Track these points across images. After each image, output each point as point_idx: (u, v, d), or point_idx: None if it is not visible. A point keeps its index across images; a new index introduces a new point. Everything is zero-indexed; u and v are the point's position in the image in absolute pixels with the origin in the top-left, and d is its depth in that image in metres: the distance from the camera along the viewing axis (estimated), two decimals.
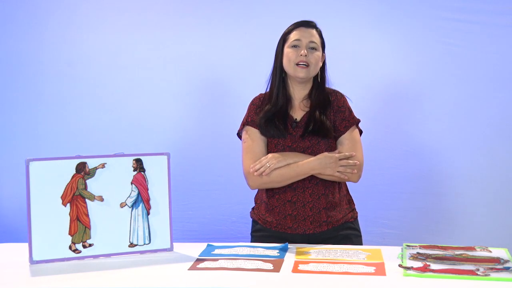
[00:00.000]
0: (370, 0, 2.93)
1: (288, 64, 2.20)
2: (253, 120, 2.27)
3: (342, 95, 2.28)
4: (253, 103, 2.31)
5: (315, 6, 2.93)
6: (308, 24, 2.23)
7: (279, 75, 2.25)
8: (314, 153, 2.19)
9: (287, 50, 2.21)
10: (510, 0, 2.86)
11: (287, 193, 2.20)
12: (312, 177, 2.19)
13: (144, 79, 3.07)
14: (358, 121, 2.28)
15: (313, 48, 2.19)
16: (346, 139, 2.23)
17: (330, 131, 2.20)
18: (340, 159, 2.15)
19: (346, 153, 2.17)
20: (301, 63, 2.17)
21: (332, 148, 2.23)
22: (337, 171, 2.15)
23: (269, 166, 2.14)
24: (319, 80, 2.26)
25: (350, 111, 2.27)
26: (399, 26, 2.93)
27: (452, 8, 2.89)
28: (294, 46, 2.19)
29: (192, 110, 3.07)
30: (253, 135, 2.26)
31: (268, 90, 2.30)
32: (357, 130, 2.27)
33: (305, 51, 2.16)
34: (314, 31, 2.22)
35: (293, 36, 2.20)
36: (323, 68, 2.27)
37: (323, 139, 2.19)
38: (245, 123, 2.29)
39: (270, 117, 2.22)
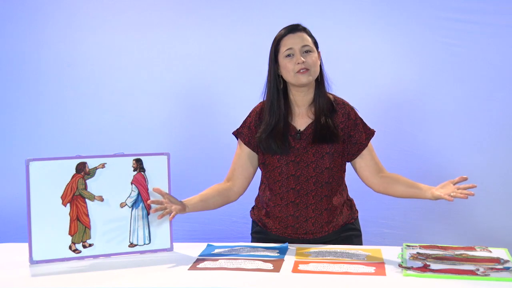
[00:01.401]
0: (370, 0, 2.93)
1: (288, 75, 2.13)
2: (243, 132, 2.24)
3: (351, 107, 2.22)
4: (250, 115, 2.25)
5: (315, 7, 2.93)
6: (295, 29, 2.15)
7: (274, 88, 2.17)
8: (318, 167, 2.14)
9: (283, 61, 2.13)
10: (510, 0, 2.86)
11: (289, 207, 2.17)
12: (315, 194, 2.14)
13: (144, 79, 3.07)
14: (374, 132, 2.24)
15: (308, 51, 2.12)
16: (367, 155, 2.20)
17: (337, 136, 2.14)
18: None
19: None
20: (302, 70, 2.10)
21: (336, 162, 2.16)
22: None
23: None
24: (319, 79, 2.18)
25: (364, 122, 2.22)
26: (399, 26, 2.93)
27: (452, 8, 2.89)
28: (289, 56, 2.12)
29: (192, 110, 3.07)
30: (241, 147, 2.24)
31: (264, 99, 2.22)
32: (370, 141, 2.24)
33: (301, 57, 2.10)
34: (303, 34, 2.14)
35: (284, 45, 2.13)
36: (320, 66, 2.19)
37: (327, 154, 2.15)
38: (239, 131, 2.26)
39: (269, 133, 2.16)
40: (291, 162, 2.15)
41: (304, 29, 2.17)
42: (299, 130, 2.17)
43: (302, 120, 2.19)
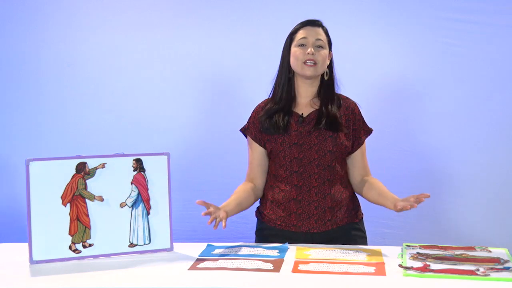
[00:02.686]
0: (370, 0, 2.93)
1: (295, 63, 2.20)
2: (249, 128, 2.30)
3: (355, 103, 2.29)
4: (254, 111, 2.32)
5: (316, 6, 2.92)
6: (314, 23, 2.24)
7: (285, 75, 2.25)
8: (321, 150, 2.18)
9: (294, 49, 2.21)
10: (510, 0, 2.86)
11: (293, 191, 2.20)
12: (318, 177, 2.18)
13: (144, 79, 3.06)
14: (371, 130, 2.30)
15: (320, 46, 2.20)
16: (358, 156, 2.26)
17: (341, 125, 2.20)
18: None
19: None
20: (309, 62, 2.17)
21: (338, 145, 2.20)
22: None
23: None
24: (327, 78, 2.25)
25: (364, 120, 2.29)
26: (399, 26, 2.93)
27: (452, 8, 2.89)
28: (301, 45, 2.20)
29: (192, 110, 3.07)
30: (251, 145, 2.30)
31: (272, 92, 2.30)
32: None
33: (312, 49, 2.17)
34: (320, 30, 2.23)
35: (300, 34, 2.21)
36: (331, 66, 2.28)
37: (330, 137, 2.19)
38: (246, 127, 2.32)
39: (271, 114, 2.23)
40: (294, 145, 2.19)
41: (322, 26, 2.26)
42: (302, 114, 2.23)
43: (305, 108, 2.25)
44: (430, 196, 1.99)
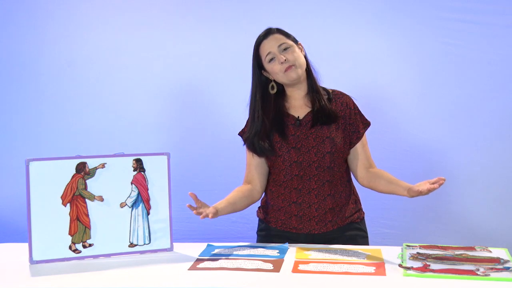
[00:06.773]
0: (370, 0, 2.93)
1: (278, 76, 2.18)
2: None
3: (349, 97, 2.27)
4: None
5: (315, 6, 2.93)
6: (268, 33, 2.20)
7: (255, 95, 2.23)
8: (319, 152, 2.17)
9: (269, 66, 2.18)
10: (510, 0, 2.86)
11: (292, 194, 2.19)
12: (317, 179, 2.18)
13: (144, 79, 3.06)
14: (369, 123, 2.28)
15: (286, 48, 2.17)
16: (359, 148, 2.24)
17: (335, 116, 2.19)
18: None
19: None
20: (287, 68, 2.15)
21: (337, 147, 2.19)
22: None
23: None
24: (307, 69, 2.23)
25: (361, 113, 2.28)
26: (399, 26, 2.93)
27: (452, 8, 2.89)
28: (271, 60, 2.17)
29: (192, 110, 3.07)
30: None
31: (250, 111, 2.26)
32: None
33: (282, 56, 2.15)
34: (276, 35, 2.19)
35: (263, 52, 2.19)
36: (305, 56, 2.24)
37: (327, 138, 2.18)
38: (244, 130, 2.29)
39: (253, 138, 2.20)
40: (292, 149, 2.18)
41: (277, 30, 2.22)
42: (298, 117, 2.21)
43: (300, 109, 2.24)
44: (445, 180, 1.93)
